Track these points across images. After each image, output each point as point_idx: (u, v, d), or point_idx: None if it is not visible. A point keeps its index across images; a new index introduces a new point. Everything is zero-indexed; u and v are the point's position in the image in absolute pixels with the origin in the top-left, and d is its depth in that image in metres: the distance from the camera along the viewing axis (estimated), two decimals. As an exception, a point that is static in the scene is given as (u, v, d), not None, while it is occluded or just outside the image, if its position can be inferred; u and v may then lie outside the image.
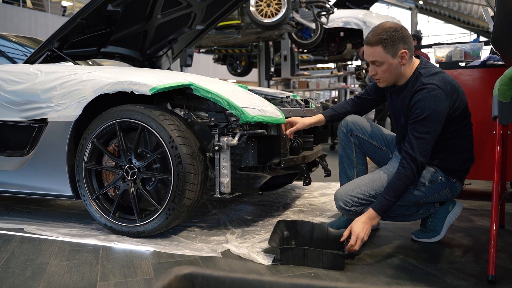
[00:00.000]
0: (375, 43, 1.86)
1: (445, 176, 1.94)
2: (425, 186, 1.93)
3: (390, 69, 1.89)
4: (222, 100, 1.99)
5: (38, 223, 2.42)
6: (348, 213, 1.96)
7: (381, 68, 1.90)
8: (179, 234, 2.18)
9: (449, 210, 2.03)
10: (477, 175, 2.77)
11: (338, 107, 2.27)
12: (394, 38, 1.84)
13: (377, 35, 1.85)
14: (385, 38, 1.84)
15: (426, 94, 1.80)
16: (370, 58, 1.91)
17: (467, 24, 26.31)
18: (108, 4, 2.54)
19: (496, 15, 1.60)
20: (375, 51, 1.87)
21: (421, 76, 1.87)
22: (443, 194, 1.97)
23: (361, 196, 1.93)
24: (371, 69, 1.94)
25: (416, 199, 1.95)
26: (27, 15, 13.82)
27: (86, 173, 2.20)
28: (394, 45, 1.85)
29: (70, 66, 2.45)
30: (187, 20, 3.30)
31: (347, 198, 1.94)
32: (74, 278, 1.65)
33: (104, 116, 2.14)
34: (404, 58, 1.88)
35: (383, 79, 1.94)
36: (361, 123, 2.19)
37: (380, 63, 1.89)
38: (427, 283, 1.58)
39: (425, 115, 1.79)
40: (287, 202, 2.93)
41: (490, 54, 2.93)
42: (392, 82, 1.96)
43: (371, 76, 1.96)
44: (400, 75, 1.92)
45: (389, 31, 1.85)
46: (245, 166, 2.04)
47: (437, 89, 1.79)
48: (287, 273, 1.68)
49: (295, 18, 6.86)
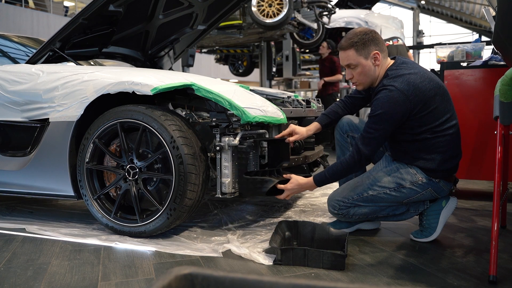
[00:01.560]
0: (347, 47, 1.97)
1: (427, 176, 1.97)
2: (405, 187, 1.98)
3: (364, 71, 1.98)
4: (223, 100, 2.00)
5: (40, 223, 2.43)
6: (337, 216, 2.10)
7: (356, 71, 2.00)
8: (181, 234, 2.18)
9: (442, 206, 2.04)
10: (479, 175, 2.76)
11: (331, 113, 2.30)
12: (364, 40, 1.95)
13: (349, 39, 1.97)
14: (356, 41, 1.95)
15: (383, 95, 1.89)
16: (345, 62, 2.01)
17: (470, 24, 26.26)
18: (109, 4, 2.55)
19: (497, 15, 1.60)
20: (348, 55, 1.98)
21: (386, 78, 1.94)
22: (427, 193, 2.00)
23: (346, 200, 2.04)
24: (348, 73, 2.04)
25: (398, 199, 2.01)
26: (29, 15, 13.84)
27: (87, 173, 2.20)
28: (365, 47, 1.95)
29: (72, 66, 2.46)
30: (189, 20, 3.30)
31: (334, 203, 2.08)
32: (76, 278, 1.66)
33: (106, 116, 2.15)
34: (377, 59, 1.97)
35: (359, 82, 2.04)
36: (357, 124, 2.23)
37: (354, 65, 1.98)
38: (428, 283, 1.58)
39: (377, 113, 1.88)
40: (289, 202, 2.93)
41: (492, 54, 2.92)
42: (368, 84, 2.04)
43: (349, 79, 2.06)
44: (375, 77, 2.01)
45: (359, 35, 1.96)
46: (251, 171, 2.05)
47: (395, 91, 1.86)
48: (288, 273, 1.68)
49: (296, 18, 6.85)
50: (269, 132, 2.23)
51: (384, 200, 2.01)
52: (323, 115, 2.29)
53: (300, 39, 8.49)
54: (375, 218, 2.12)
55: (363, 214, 2.05)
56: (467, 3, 23.94)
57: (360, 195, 2.02)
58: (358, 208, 2.04)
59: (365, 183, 2.03)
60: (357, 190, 2.03)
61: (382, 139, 1.92)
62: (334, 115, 2.29)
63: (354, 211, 2.04)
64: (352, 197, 2.03)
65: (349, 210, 2.04)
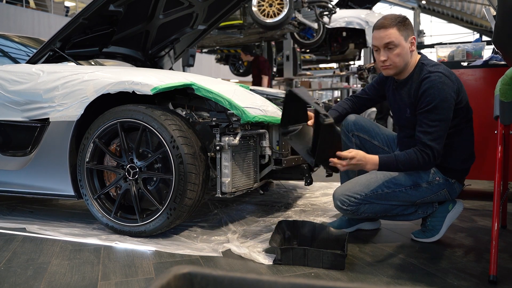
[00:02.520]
0: (389, 25, 1.89)
1: (444, 176, 1.94)
2: (422, 187, 1.94)
3: (402, 53, 1.90)
4: (223, 100, 2.00)
5: (40, 222, 2.43)
6: (345, 212, 1.98)
7: (393, 52, 1.90)
8: (181, 234, 2.18)
9: (449, 210, 2.02)
10: (479, 175, 2.76)
11: (340, 108, 2.25)
12: (406, 23, 1.92)
13: (390, 19, 1.91)
14: (399, 21, 1.90)
15: (434, 82, 1.82)
16: (385, 40, 1.89)
17: (470, 24, 26.24)
18: (110, 4, 2.55)
19: (498, 14, 1.60)
20: (390, 33, 1.89)
21: (426, 66, 1.91)
22: (441, 194, 1.97)
23: (358, 196, 1.94)
24: (382, 54, 1.92)
25: (412, 199, 1.96)
26: (30, 16, 13.85)
27: (87, 172, 2.20)
28: (406, 29, 1.91)
29: (72, 66, 2.46)
30: (189, 20, 3.30)
31: (344, 198, 1.96)
32: (75, 277, 1.66)
33: (106, 116, 2.15)
34: (413, 44, 1.93)
35: (393, 65, 1.92)
36: (362, 123, 2.19)
37: (395, 45, 1.89)
38: (428, 283, 1.58)
39: (435, 103, 1.81)
40: (289, 202, 2.93)
41: (492, 54, 2.92)
42: (400, 70, 1.95)
43: (381, 61, 1.94)
44: (407, 63, 1.94)
45: (400, 17, 1.93)
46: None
47: (443, 77, 1.83)
48: (288, 273, 1.68)
49: (297, 18, 6.85)
50: (269, 132, 2.23)
51: (398, 198, 1.94)
52: (333, 110, 2.24)
53: (300, 39, 8.49)
54: (383, 217, 2.05)
55: (374, 211, 1.98)
56: (468, 3, 23.92)
57: (374, 192, 1.93)
58: (370, 205, 1.95)
59: (379, 179, 1.95)
60: (371, 186, 1.94)
61: (447, 128, 1.84)
62: (342, 111, 2.23)
63: (365, 208, 1.96)
64: (366, 193, 1.94)
65: (359, 206, 1.95)
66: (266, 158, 2.25)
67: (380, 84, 2.18)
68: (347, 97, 2.32)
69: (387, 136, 2.19)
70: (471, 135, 1.97)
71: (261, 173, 2.30)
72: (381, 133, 2.19)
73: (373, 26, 1.96)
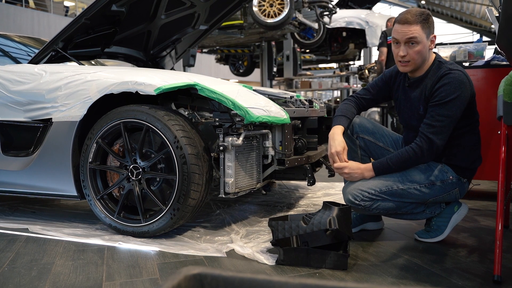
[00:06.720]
0: (414, 21, 1.87)
1: (457, 176, 1.95)
2: (435, 185, 1.93)
3: (423, 51, 1.90)
4: (227, 100, 2.00)
5: (43, 223, 2.43)
6: (357, 207, 1.93)
7: (414, 48, 1.89)
8: (184, 234, 2.18)
9: (454, 211, 2.02)
10: (482, 175, 2.76)
11: (348, 113, 2.12)
12: (430, 21, 1.91)
13: (415, 15, 1.89)
14: (424, 18, 1.89)
15: (455, 79, 1.83)
16: (408, 35, 1.88)
17: (470, 24, 26.24)
18: (112, 4, 2.55)
19: (502, 15, 1.60)
20: (414, 29, 1.87)
21: (444, 64, 1.92)
22: (453, 194, 1.98)
23: (372, 191, 1.90)
24: (402, 50, 1.90)
25: (425, 197, 1.94)
26: (30, 15, 13.84)
27: (90, 173, 2.20)
28: (429, 27, 1.90)
29: (75, 66, 2.46)
30: (191, 20, 3.30)
31: (356, 192, 1.91)
32: (80, 278, 1.66)
33: (109, 116, 2.15)
34: (433, 43, 1.93)
35: (412, 61, 1.91)
36: (367, 125, 2.17)
37: (416, 42, 1.88)
38: (432, 283, 1.58)
39: (450, 98, 1.82)
40: (291, 202, 2.93)
41: (494, 54, 2.92)
42: (417, 67, 1.94)
43: (400, 56, 1.92)
44: (425, 61, 1.94)
45: (424, 13, 1.90)
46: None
47: (463, 76, 1.85)
48: (292, 273, 1.68)
49: (297, 18, 6.86)
50: (272, 132, 2.23)
51: (411, 196, 1.93)
52: (343, 117, 2.09)
53: (301, 39, 8.50)
54: (393, 215, 2.02)
55: (387, 208, 1.94)
56: (467, 3, 23.92)
57: (389, 188, 1.90)
58: (383, 202, 1.91)
59: (394, 176, 1.92)
60: (386, 182, 1.91)
61: (451, 127, 1.86)
62: (351, 115, 2.13)
63: (378, 205, 1.91)
64: (380, 189, 1.90)
65: (373, 203, 1.90)
66: (269, 158, 2.25)
67: (386, 83, 2.14)
68: (349, 97, 2.25)
69: (392, 138, 2.18)
70: (479, 136, 2.00)
71: (264, 173, 2.30)
72: (385, 134, 2.18)
73: (396, 19, 1.94)
